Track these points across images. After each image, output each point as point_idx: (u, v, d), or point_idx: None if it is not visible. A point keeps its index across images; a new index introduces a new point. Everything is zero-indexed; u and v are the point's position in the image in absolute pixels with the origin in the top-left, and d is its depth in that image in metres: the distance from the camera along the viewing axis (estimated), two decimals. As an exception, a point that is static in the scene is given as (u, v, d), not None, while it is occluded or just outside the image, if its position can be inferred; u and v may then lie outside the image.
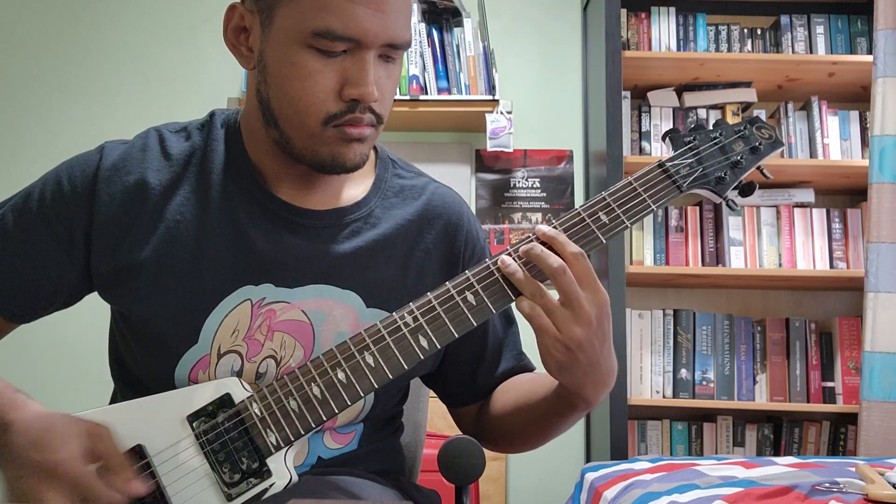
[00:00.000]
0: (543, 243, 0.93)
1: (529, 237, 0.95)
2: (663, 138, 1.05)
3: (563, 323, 0.89)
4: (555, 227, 0.95)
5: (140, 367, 1.02)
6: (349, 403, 0.91)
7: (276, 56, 0.94)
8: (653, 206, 0.97)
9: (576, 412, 0.99)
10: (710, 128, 1.04)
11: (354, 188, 1.07)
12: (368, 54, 0.92)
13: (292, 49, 0.92)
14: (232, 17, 0.99)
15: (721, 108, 2.81)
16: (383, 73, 0.95)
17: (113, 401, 1.14)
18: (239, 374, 0.98)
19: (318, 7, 0.90)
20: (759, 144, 1.04)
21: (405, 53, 1.03)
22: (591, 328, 0.89)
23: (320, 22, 0.90)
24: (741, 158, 1.02)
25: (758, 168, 1.05)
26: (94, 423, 0.87)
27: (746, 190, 1.04)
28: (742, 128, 1.05)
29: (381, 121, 0.97)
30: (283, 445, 0.91)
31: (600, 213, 0.96)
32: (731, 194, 1.03)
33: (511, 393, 1.11)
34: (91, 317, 1.46)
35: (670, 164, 1.00)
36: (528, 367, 1.16)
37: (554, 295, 0.91)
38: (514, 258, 0.94)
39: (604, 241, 0.96)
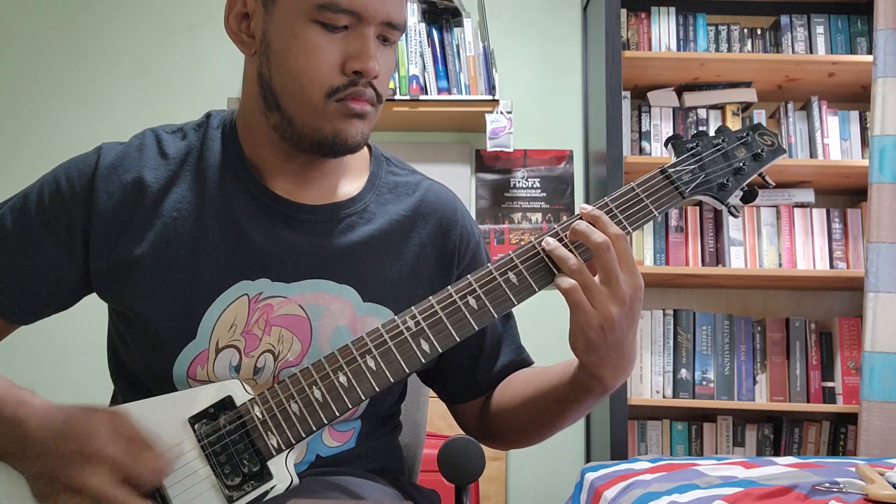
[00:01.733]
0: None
1: (530, 242, 0.95)
2: (666, 144, 1.05)
3: (600, 300, 0.90)
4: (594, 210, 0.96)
5: (139, 364, 1.03)
6: (350, 407, 0.92)
7: (280, 32, 0.96)
8: (655, 213, 0.98)
9: (590, 397, 0.99)
10: (713, 134, 1.04)
11: (349, 184, 1.08)
12: (369, 30, 0.95)
13: (296, 24, 0.94)
14: (234, 4, 1.01)
15: (721, 108, 2.81)
16: (381, 54, 0.98)
17: (113, 402, 1.14)
18: (237, 369, 0.99)
19: None
20: (762, 151, 1.04)
21: (404, 53, 1.04)
22: (625, 308, 0.91)
23: None
24: (743, 165, 1.03)
25: (759, 174, 1.05)
26: (109, 409, 0.88)
27: (749, 196, 1.04)
28: (744, 134, 1.05)
29: (380, 100, 0.99)
30: (284, 448, 0.91)
31: None
32: (734, 201, 1.03)
33: (519, 384, 1.11)
34: (91, 317, 1.46)
35: (672, 170, 1.00)
36: (527, 362, 1.16)
37: None
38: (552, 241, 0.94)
39: None
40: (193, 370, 0.99)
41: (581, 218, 0.94)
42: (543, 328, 2.83)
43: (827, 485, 1.31)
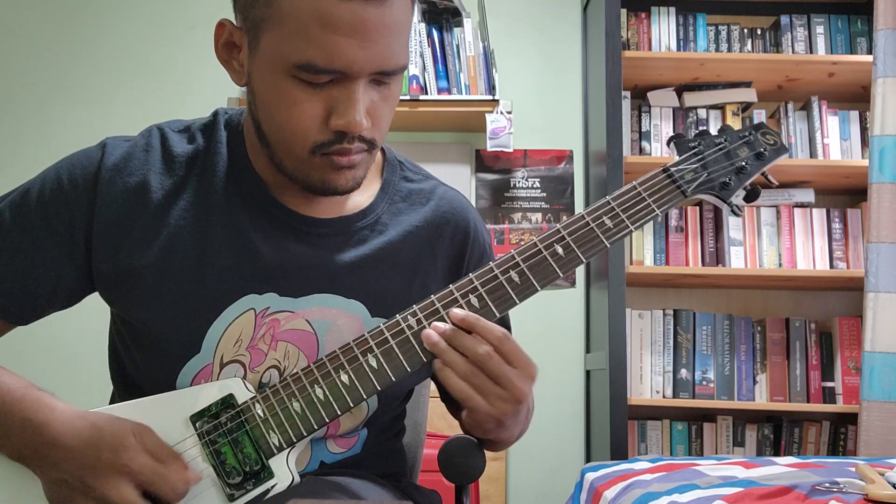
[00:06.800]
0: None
1: (532, 241, 0.95)
2: (668, 143, 1.05)
3: (496, 401, 0.90)
4: (465, 310, 0.93)
5: (141, 373, 1.01)
6: (352, 405, 0.91)
7: (262, 81, 0.92)
8: (657, 212, 0.97)
9: (497, 448, 1.07)
10: (715, 133, 1.04)
11: (361, 194, 1.05)
12: (356, 84, 0.88)
13: (277, 76, 0.89)
14: (222, 33, 0.96)
15: (721, 108, 2.81)
16: (377, 95, 0.91)
17: (112, 401, 1.12)
18: None
19: (299, 38, 0.85)
20: (764, 150, 1.04)
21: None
22: (525, 403, 0.92)
23: (301, 55, 0.85)
24: (746, 164, 1.02)
25: (762, 173, 1.05)
26: (134, 422, 0.88)
27: (751, 195, 1.04)
28: (747, 133, 1.05)
29: (374, 146, 0.95)
30: (285, 446, 0.91)
31: (605, 218, 0.96)
32: (736, 200, 1.03)
33: None
34: (91, 317, 1.46)
35: (675, 169, 1.00)
36: None
37: None
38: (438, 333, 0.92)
39: (608, 246, 0.96)
40: (197, 384, 0.97)
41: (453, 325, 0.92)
42: (545, 327, 2.84)
43: (827, 485, 1.31)
